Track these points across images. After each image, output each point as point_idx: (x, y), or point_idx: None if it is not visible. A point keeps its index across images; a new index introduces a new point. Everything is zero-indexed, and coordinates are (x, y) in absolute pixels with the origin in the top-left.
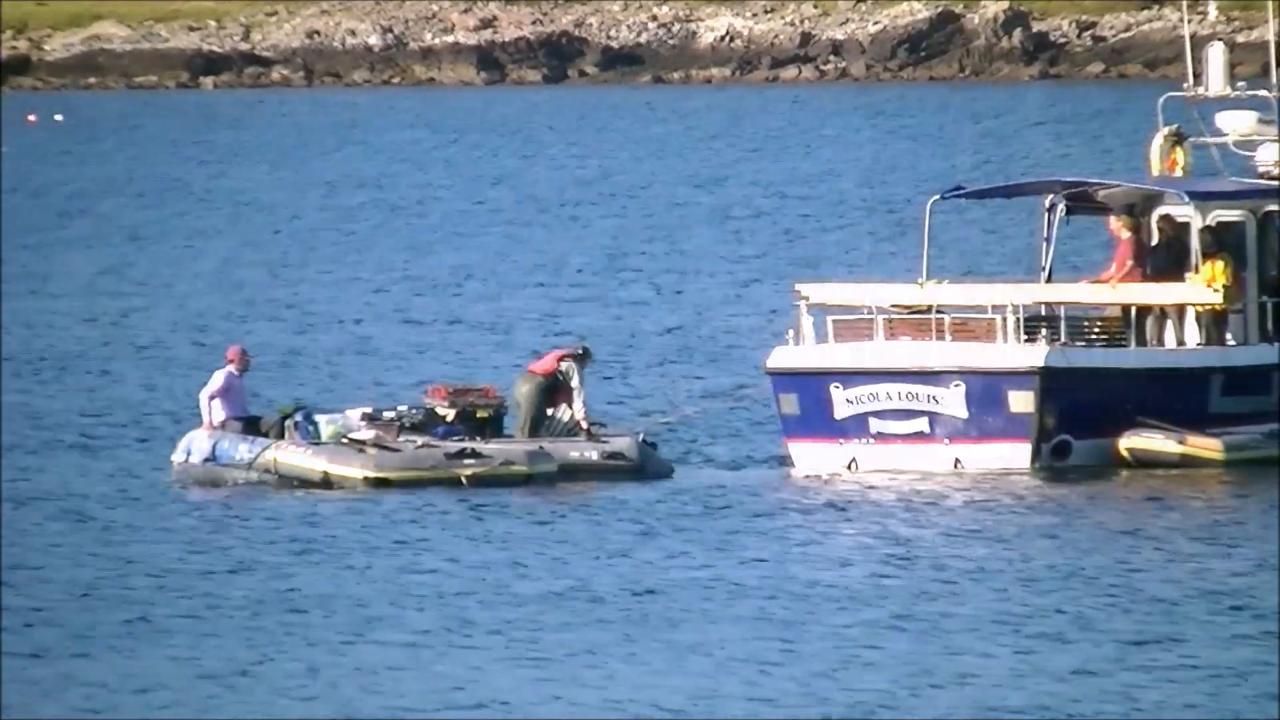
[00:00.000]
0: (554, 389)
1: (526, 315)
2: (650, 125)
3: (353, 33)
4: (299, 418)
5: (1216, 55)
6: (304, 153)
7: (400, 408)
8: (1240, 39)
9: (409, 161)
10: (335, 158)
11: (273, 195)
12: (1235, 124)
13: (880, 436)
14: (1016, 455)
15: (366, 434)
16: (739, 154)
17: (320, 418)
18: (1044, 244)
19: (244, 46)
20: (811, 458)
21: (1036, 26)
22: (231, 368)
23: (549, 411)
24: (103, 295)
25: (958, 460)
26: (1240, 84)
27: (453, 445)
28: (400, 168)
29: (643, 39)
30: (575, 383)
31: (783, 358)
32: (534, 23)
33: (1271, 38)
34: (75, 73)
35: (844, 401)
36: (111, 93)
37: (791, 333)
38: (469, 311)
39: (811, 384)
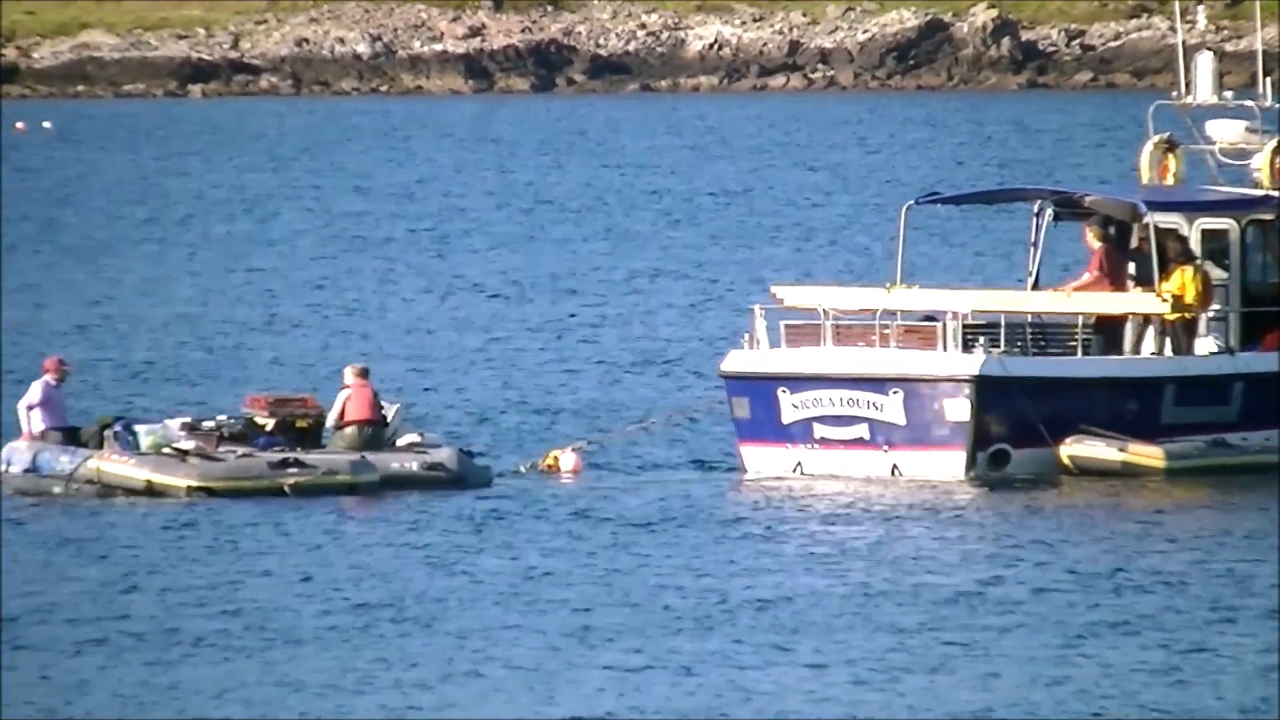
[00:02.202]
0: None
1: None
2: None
3: (341, 41)
4: (118, 428)
5: (1205, 64)
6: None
7: (220, 418)
8: (1229, 48)
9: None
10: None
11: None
12: (1223, 133)
13: (824, 441)
14: (951, 464)
15: (188, 444)
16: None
17: (140, 428)
18: (1031, 249)
19: (233, 55)
20: (760, 461)
21: (1025, 35)
22: (49, 378)
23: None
24: None
25: (895, 467)
26: (1228, 93)
27: (276, 455)
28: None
29: (631, 47)
30: (391, 414)
31: (736, 362)
32: (523, 31)
33: (1259, 47)
34: (63, 81)
35: (790, 406)
36: (99, 101)
37: (747, 337)
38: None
39: (761, 388)
